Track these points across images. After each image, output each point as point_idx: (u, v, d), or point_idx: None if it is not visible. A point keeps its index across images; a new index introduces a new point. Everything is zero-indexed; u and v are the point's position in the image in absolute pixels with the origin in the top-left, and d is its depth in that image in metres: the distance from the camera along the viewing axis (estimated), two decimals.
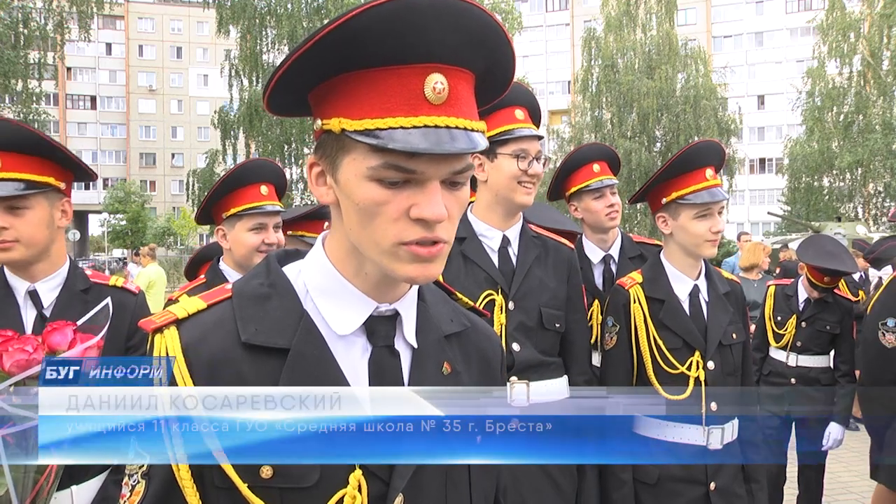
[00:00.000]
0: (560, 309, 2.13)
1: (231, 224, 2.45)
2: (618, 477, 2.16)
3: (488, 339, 1.10)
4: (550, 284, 2.12)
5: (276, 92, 0.93)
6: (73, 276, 1.95)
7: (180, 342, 0.89)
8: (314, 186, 0.94)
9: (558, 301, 2.13)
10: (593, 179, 2.93)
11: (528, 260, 2.10)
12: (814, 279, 4.12)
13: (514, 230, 2.13)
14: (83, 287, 1.94)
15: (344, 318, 0.93)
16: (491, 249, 2.09)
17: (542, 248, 2.15)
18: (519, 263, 2.10)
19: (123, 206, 48.44)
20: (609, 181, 2.95)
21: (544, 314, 2.08)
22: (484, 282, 2.05)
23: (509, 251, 2.11)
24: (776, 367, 4.30)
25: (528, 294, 2.07)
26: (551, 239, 2.21)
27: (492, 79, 0.94)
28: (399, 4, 0.81)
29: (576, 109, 33.00)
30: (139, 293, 2.07)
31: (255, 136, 24.19)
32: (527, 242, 2.13)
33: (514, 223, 2.13)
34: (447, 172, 0.86)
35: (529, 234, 2.16)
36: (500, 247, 2.10)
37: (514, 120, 2.07)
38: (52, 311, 1.87)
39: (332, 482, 0.87)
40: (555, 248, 2.18)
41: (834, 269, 3.99)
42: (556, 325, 2.11)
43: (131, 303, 2.01)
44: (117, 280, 2.04)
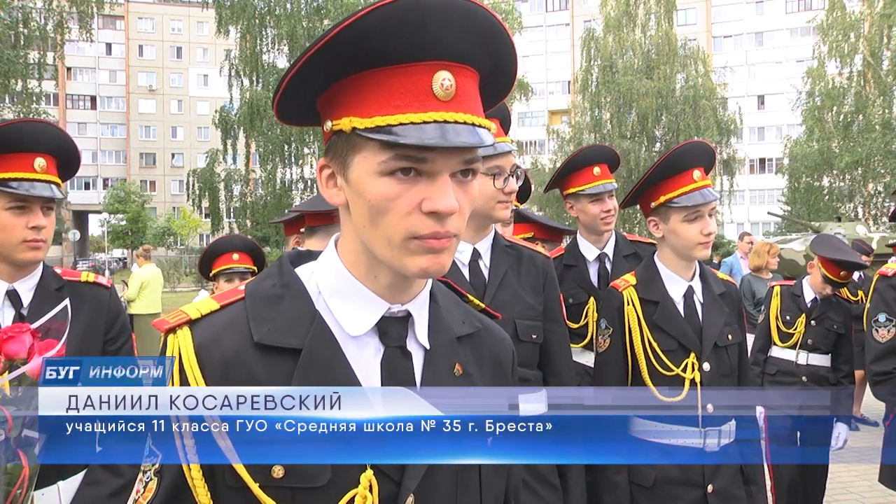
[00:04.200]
0: (536, 319, 2.08)
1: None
2: (610, 480, 2.14)
3: (501, 342, 1.11)
4: (525, 295, 2.08)
5: (285, 97, 0.93)
6: (47, 275, 1.97)
7: (193, 342, 0.90)
8: (324, 189, 0.95)
9: (534, 312, 2.08)
10: (593, 183, 2.93)
11: (500, 272, 2.06)
12: (830, 274, 4.15)
13: (485, 243, 2.09)
14: (57, 286, 1.95)
15: (356, 318, 0.94)
16: (461, 263, 2.05)
17: (515, 259, 2.11)
18: (491, 276, 2.05)
19: (123, 206, 48.43)
20: (608, 186, 2.95)
21: (519, 326, 2.04)
22: None
23: (480, 264, 2.07)
24: (784, 367, 4.29)
25: (501, 306, 1.99)
26: (526, 248, 2.17)
27: (495, 79, 0.96)
28: (407, 4, 0.82)
29: (575, 109, 32.99)
30: (112, 286, 2.08)
31: (256, 136, 24.19)
32: (499, 254, 2.09)
33: (484, 236, 2.09)
34: (456, 165, 0.87)
35: (502, 244, 2.12)
36: (471, 260, 2.06)
37: None
38: (29, 311, 1.88)
39: (344, 482, 0.88)
40: (529, 257, 2.14)
41: (851, 261, 4.08)
42: (532, 337, 2.07)
43: (105, 297, 2.03)
44: (88, 276, 2.05)
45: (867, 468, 5.12)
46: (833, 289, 4.21)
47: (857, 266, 4.17)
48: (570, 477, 2.09)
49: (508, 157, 2.03)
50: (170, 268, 31.60)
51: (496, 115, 2.08)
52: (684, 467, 2.15)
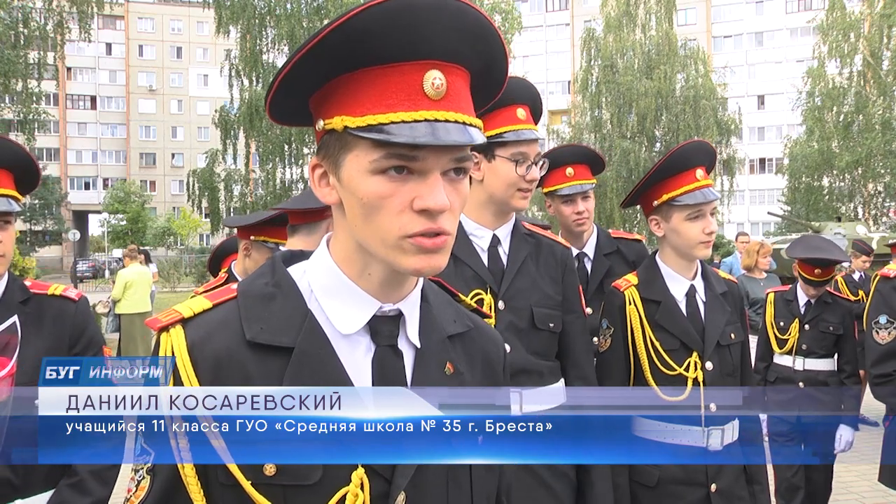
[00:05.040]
0: (555, 308, 2.06)
1: None
2: (612, 480, 2.12)
3: (492, 341, 1.11)
4: (543, 283, 2.06)
5: (278, 96, 0.94)
6: (13, 287, 1.92)
7: (186, 341, 0.90)
8: (317, 188, 0.95)
9: (552, 301, 2.06)
10: (564, 185, 2.92)
11: (518, 258, 2.05)
12: (806, 274, 4.17)
13: (505, 229, 2.08)
14: (22, 298, 1.90)
15: (348, 317, 0.94)
16: (480, 248, 2.04)
17: (534, 247, 2.10)
18: (509, 262, 2.04)
19: (123, 206, 48.50)
20: (581, 187, 2.92)
21: (536, 314, 2.02)
22: (472, 280, 1.99)
23: (499, 250, 2.06)
24: (783, 373, 4.28)
25: (518, 293, 2.02)
26: (545, 237, 2.16)
27: (486, 79, 0.97)
28: (399, 3, 0.83)
29: (575, 109, 33.02)
30: (80, 299, 2.02)
31: (256, 136, 24.20)
32: (518, 241, 2.08)
33: (505, 222, 2.08)
34: (447, 164, 0.88)
35: (522, 231, 2.11)
36: (490, 246, 2.05)
37: (515, 120, 2.00)
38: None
39: (335, 480, 0.88)
40: (549, 246, 2.13)
41: (821, 258, 4.08)
42: (549, 325, 2.05)
43: (70, 310, 1.97)
44: (56, 288, 2.00)
45: (867, 468, 5.11)
46: (816, 289, 4.19)
47: (830, 262, 4.14)
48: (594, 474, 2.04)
49: (534, 145, 2.02)
50: (170, 268, 31.58)
51: (526, 102, 2.06)
52: (687, 467, 2.15)
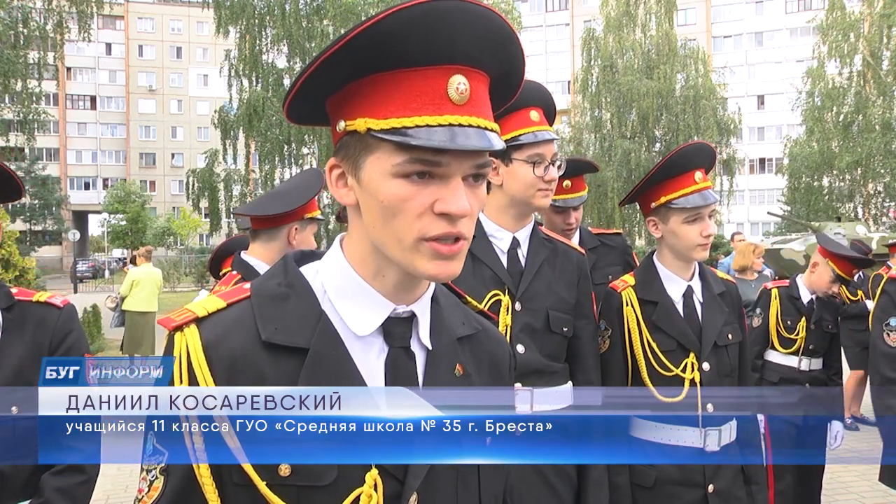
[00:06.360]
0: (568, 313, 2.10)
1: None
2: (610, 481, 2.12)
3: (499, 344, 1.12)
4: (559, 288, 2.09)
5: (298, 97, 0.94)
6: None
7: (201, 340, 0.90)
8: (334, 189, 0.95)
9: (566, 305, 2.10)
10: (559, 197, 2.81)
11: (537, 262, 2.08)
12: (842, 272, 4.08)
13: (525, 232, 2.11)
14: (5, 305, 1.89)
15: (362, 319, 0.95)
16: (500, 250, 2.08)
17: (551, 251, 2.13)
18: (528, 265, 2.07)
19: (123, 206, 48.47)
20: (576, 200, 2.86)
21: (551, 317, 2.05)
22: (490, 281, 2.03)
23: (518, 252, 2.09)
24: (787, 374, 4.12)
25: (535, 296, 2.05)
26: (562, 243, 2.19)
27: (504, 83, 0.98)
28: (426, 8, 0.84)
29: (575, 109, 32.96)
30: (66, 306, 2.01)
31: (255, 136, 24.16)
32: (537, 245, 2.11)
33: (525, 225, 2.12)
34: (469, 169, 0.88)
35: (540, 236, 2.14)
36: (510, 248, 2.08)
37: (529, 123, 2.03)
38: None
39: (349, 481, 0.89)
40: (564, 252, 2.16)
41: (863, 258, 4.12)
42: (563, 329, 2.08)
43: (53, 317, 1.95)
44: (41, 296, 1.99)
45: (867, 468, 5.12)
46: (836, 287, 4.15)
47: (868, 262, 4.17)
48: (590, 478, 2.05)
49: (550, 145, 2.05)
50: (170, 268, 31.56)
51: (540, 105, 2.08)
52: (685, 467, 2.14)
